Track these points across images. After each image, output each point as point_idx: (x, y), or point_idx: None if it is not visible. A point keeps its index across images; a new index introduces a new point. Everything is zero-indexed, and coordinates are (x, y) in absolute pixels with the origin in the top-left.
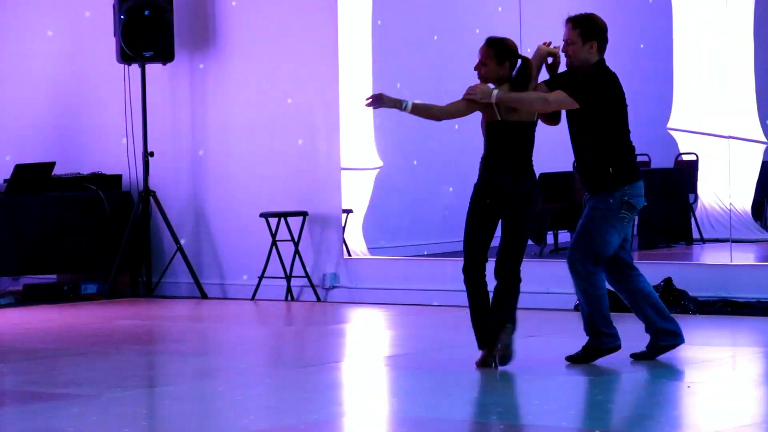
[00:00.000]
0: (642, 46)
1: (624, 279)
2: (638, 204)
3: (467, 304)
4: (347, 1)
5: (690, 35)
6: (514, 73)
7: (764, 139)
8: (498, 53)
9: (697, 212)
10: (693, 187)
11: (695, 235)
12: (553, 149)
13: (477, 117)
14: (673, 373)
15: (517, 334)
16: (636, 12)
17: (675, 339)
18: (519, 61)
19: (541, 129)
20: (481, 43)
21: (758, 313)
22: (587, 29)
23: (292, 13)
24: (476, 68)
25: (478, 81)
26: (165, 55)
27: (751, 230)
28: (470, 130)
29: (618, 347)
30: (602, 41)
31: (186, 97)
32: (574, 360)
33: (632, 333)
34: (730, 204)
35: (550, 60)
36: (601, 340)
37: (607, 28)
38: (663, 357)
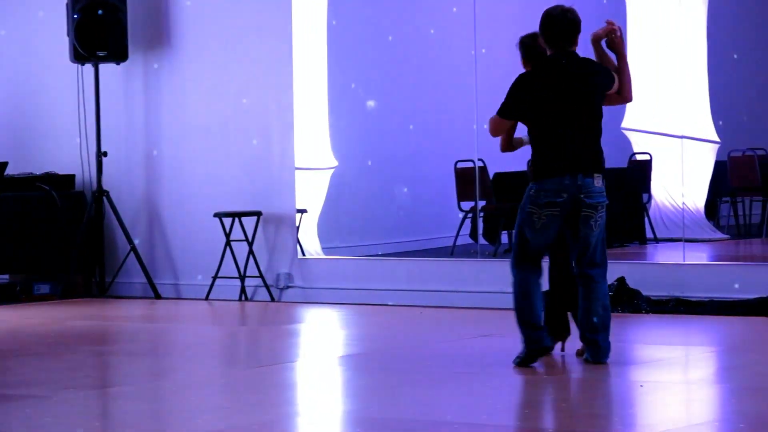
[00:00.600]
0: None
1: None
2: (539, 199)
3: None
4: (302, 1)
5: (644, 35)
6: None
7: (717, 139)
8: (522, 53)
9: (651, 212)
10: (646, 187)
11: (649, 234)
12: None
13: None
14: (626, 372)
15: (472, 333)
16: (590, 12)
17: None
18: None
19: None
20: (436, 42)
21: (711, 312)
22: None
23: (247, 13)
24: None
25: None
26: (119, 55)
27: (704, 230)
28: (426, 131)
29: (546, 348)
30: (544, 34)
31: (140, 97)
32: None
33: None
34: (683, 203)
35: (603, 43)
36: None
37: (554, 19)
38: (615, 356)
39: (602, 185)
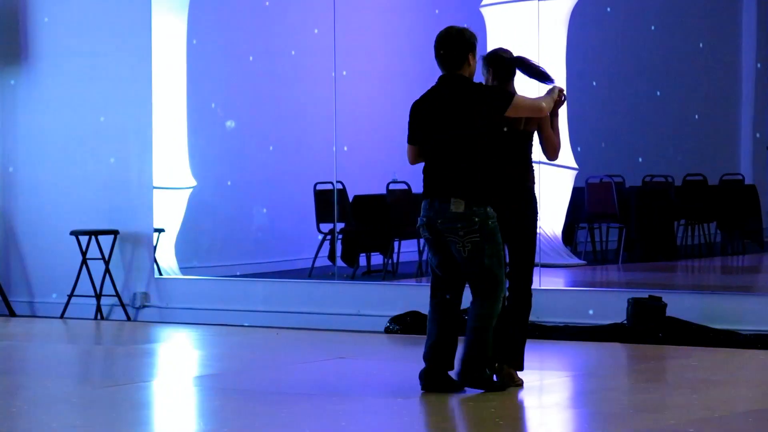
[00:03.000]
0: None
1: None
2: (418, 220)
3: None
4: (162, 19)
5: None
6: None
7: (575, 166)
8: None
9: None
10: None
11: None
12: (367, 172)
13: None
14: (481, 396)
15: (328, 355)
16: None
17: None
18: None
19: (354, 153)
20: (297, 64)
21: (566, 337)
22: None
23: (106, 31)
24: None
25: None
26: None
27: (561, 255)
28: (285, 152)
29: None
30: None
31: None
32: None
33: None
34: (540, 228)
35: None
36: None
37: (437, 41)
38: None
39: (465, 210)
